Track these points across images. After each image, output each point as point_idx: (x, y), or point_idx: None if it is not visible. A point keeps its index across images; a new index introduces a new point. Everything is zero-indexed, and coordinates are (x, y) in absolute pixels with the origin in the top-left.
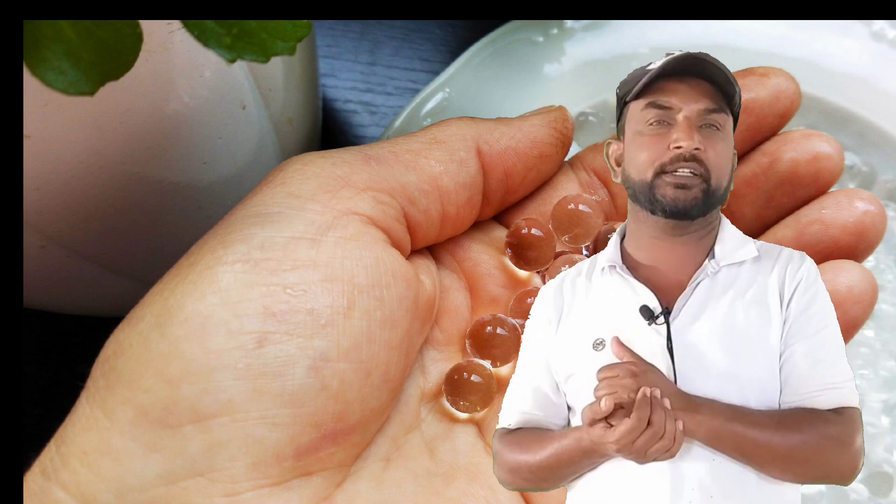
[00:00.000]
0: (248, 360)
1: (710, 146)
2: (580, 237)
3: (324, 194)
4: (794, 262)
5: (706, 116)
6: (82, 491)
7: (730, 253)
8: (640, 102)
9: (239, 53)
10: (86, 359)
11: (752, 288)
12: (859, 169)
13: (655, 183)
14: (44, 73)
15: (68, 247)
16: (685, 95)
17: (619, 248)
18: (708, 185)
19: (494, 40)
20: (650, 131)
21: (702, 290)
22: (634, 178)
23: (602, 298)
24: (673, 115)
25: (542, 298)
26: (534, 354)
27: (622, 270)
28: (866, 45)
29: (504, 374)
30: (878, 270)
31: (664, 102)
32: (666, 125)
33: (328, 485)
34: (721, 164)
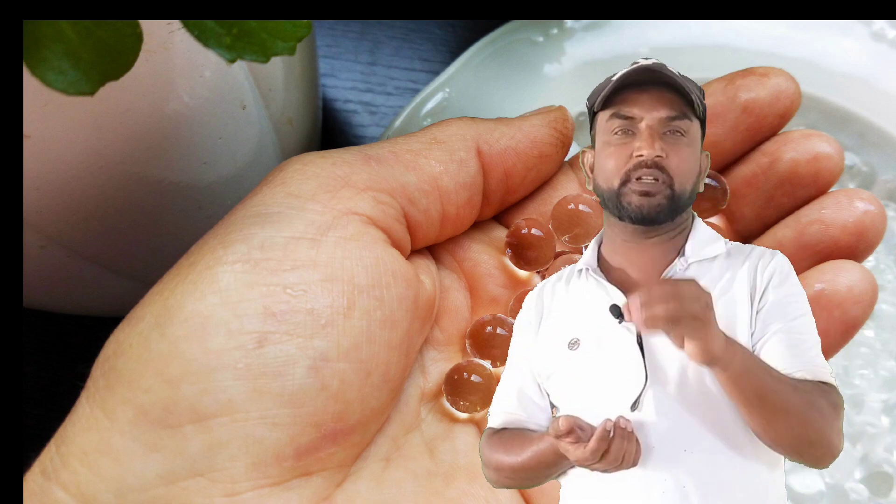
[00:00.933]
0: (248, 360)
1: (674, 152)
2: (580, 237)
3: (324, 194)
4: (766, 257)
5: (669, 124)
6: (82, 491)
7: (699, 250)
8: (605, 113)
9: (239, 53)
10: (86, 359)
11: (721, 281)
12: (859, 169)
13: (621, 191)
14: (44, 73)
15: (68, 247)
16: (646, 105)
17: (597, 253)
18: (672, 190)
19: (494, 40)
20: (615, 141)
21: None
22: (602, 186)
23: (577, 300)
24: (636, 124)
25: (525, 304)
26: (518, 357)
27: (595, 273)
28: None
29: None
30: (878, 270)
31: (626, 112)
32: (630, 134)
33: (328, 485)
34: (685, 169)
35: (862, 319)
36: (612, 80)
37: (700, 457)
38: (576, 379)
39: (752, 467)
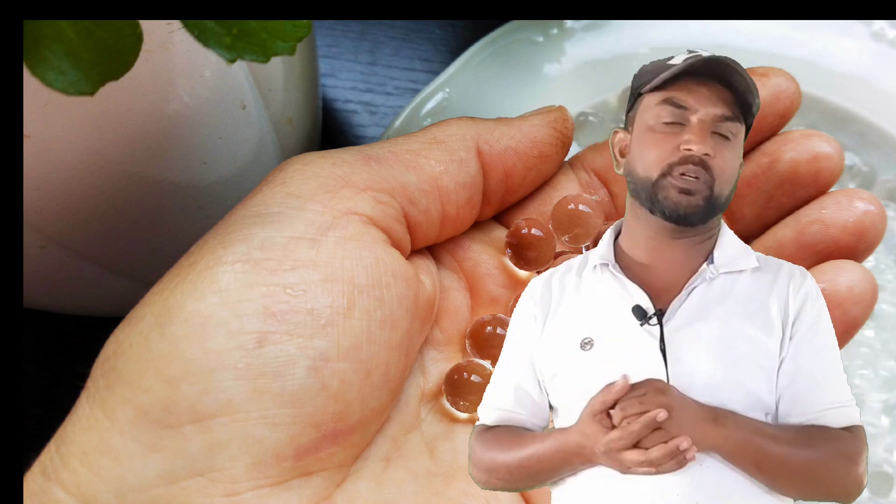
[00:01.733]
0: (248, 360)
1: (720, 153)
2: (580, 237)
3: (324, 194)
4: (797, 278)
5: (720, 124)
6: (82, 491)
7: (730, 261)
8: (655, 97)
9: (239, 53)
10: (86, 359)
11: (752, 300)
12: (859, 169)
13: (660, 183)
14: (44, 73)
15: (68, 247)
16: (703, 98)
17: (613, 246)
18: (711, 192)
19: (494, 40)
20: (662, 129)
21: (698, 294)
22: (639, 173)
23: (592, 297)
24: (688, 115)
25: (528, 294)
26: (517, 351)
27: (614, 269)
28: (866, 45)
29: None
30: (878, 270)
31: (681, 102)
32: (678, 125)
33: (328, 485)
34: (727, 172)
35: (862, 319)
36: (671, 65)
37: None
38: (586, 382)
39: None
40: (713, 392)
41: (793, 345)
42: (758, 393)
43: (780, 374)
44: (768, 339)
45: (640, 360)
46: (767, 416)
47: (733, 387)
